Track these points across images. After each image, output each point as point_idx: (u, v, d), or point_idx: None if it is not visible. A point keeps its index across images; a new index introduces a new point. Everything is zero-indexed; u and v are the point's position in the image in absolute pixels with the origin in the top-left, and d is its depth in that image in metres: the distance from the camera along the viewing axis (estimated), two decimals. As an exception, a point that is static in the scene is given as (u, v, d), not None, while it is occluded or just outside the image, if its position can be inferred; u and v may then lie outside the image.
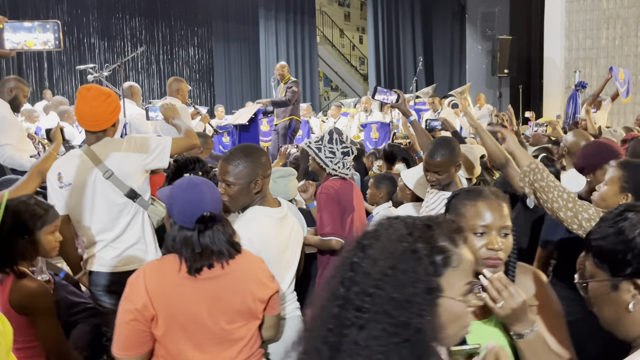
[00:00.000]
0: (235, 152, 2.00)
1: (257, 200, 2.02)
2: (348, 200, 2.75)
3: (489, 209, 1.45)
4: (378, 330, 0.93)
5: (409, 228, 1.01)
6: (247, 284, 1.69)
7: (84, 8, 12.98)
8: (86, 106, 2.41)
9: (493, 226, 1.45)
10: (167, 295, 1.60)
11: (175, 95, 5.30)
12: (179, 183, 1.70)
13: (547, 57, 10.70)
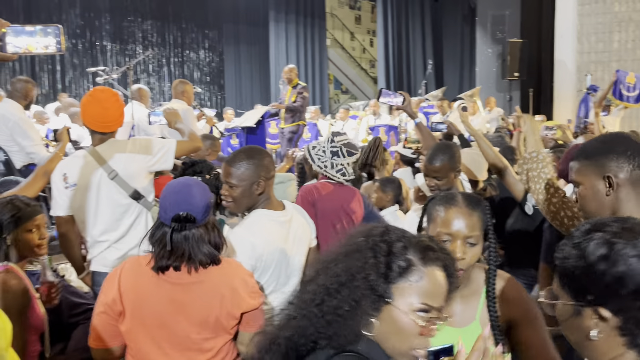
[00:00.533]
0: (237, 154, 2.02)
1: (261, 203, 2.01)
2: (330, 205, 2.68)
3: (457, 217, 1.44)
4: (308, 297, 1.01)
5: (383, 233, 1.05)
6: (218, 296, 1.65)
7: (97, 11, 13.12)
8: (100, 108, 2.44)
9: (458, 235, 1.43)
10: (136, 293, 1.62)
11: (181, 97, 5.34)
12: (174, 181, 1.73)
13: (558, 60, 10.62)
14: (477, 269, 1.53)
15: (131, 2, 13.70)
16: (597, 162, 1.47)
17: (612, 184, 1.44)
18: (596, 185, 1.47)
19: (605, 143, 1.53)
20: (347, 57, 19.42)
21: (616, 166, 1.45)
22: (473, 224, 1.44)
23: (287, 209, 2.09)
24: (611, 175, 1.44)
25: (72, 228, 2.53)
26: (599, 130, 4.88)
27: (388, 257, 1.00)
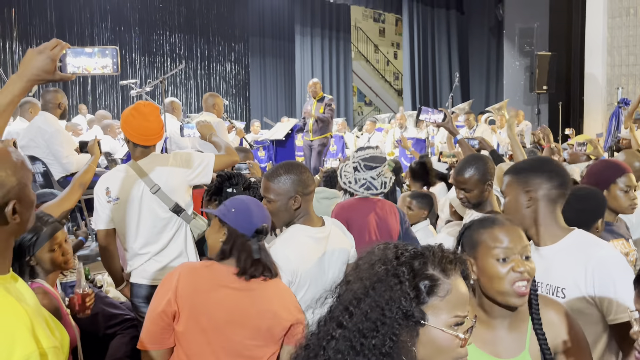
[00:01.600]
0: (276, 169, 2.03)
1: (300, 218, 2.01)
2: (365, 222, 2.67)
3: (507, 234, 1.40)
4: (345, 346, 0.96)
5: (397, 254, 1.02)
6: (271, 306, 1.71)
7: (127, 25, 13.41)
8: (144, 121, 2.48)
9: (515, 249, 1.39)
10: (195, 296, 1.66)
11: (211, 110, 5.40)
12: (244, 198, 1.82)
13: (588, 73, 10.46)
14: None
15: (160, 16, 13.98)
16: (523, 178, 1.73)
17: (531, 198, 1.70)
18: (519, 199, 1.72)
19: (533, 163, 1.82)
20: (371, 69, 19.47)
21: (537, 183, 1.71)
22: (523, 238, 1.42)
23: (325, 225, 2.08)
24: (531, 190, 1.70)
25: (113, 241, 2.57)
26: (636, 143, 4.79)
27: (413, 279, 0.98)
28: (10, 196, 1.12)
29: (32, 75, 1.42)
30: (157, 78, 6.22)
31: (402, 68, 17.30)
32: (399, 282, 0.97)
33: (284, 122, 8.00)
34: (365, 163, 2.71)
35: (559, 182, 1.71)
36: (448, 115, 3.02)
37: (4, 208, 1.12)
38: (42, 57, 1.42)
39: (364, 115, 18.96)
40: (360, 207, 2.70)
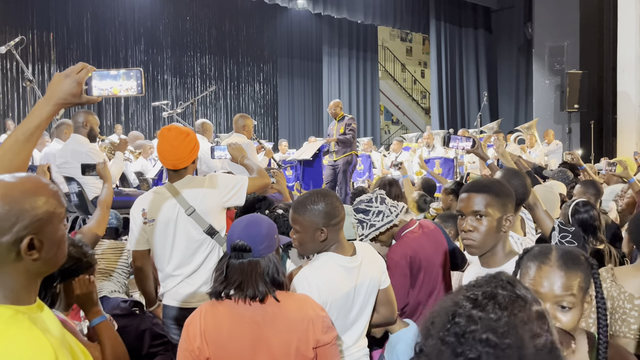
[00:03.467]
0: (303, 199, 1.99)
1: (331, 247, 1.98)
2: (424, 254, 2.51)
3: (547, 276, 1.32)
4: None
5: (511, 312, 0.93)
6: (295, 329, 1.67)
7: (159, 47, 13.79)
8: (167, 145, 2.50)
9: (546, 297, 1.30)
10: (218, 336, 1.64)
11: (242, 131, 5.47)
12: (246, 216, 1.83)
13: (621, 91, 10.28)
14: (579, 334, 1.39)
15: (191, 38, 14.34)
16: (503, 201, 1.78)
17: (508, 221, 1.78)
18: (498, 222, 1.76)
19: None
20: (398, 88, 19.51)
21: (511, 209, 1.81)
22: (567, 285, 1.31)
23: (357, 254, 2.03)
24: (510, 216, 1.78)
25: (148, 262, 2.61)
26: None
27: (548, 327, 0.93)
28: (28, 230, 1.07)
29: (59, 99, 1.45)
30: (188, 99, 6.37)
31: (429, 87, 17.29)
32: (552, 345, 0.92)
33: (311, 142, 8.05)
34: (362, 204, 2.55)
35: None
36: (477, 141, 3.00)
37: (19, 242, 1.06)
38: (69, 80, 1.45)
39: (391, 134, 18.95)
40: (413, 242, 2.51)
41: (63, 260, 1.17)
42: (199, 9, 14.32)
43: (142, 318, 2.95)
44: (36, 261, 1.10)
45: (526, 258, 1.39)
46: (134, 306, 2.97)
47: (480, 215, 1.74)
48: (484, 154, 3.10)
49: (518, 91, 15.38)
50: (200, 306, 1.74)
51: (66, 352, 1.10)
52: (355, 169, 9.11)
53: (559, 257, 1.34)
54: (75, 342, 1.22)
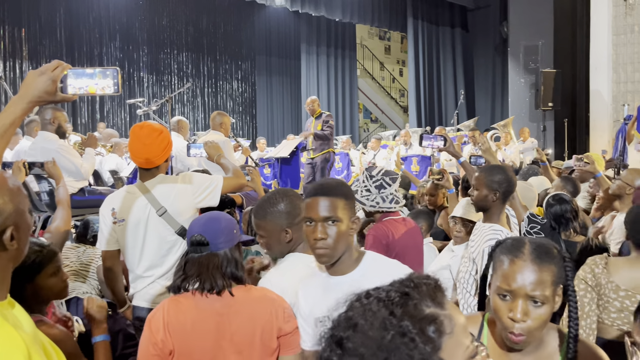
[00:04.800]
0: (262, 203, 1.97)
1: (298, 246, 1.96)
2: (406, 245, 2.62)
3: (520, 272, 1.28)
4: None
5: (388, 307, 0.88)
6: (259, 318, 1.70)
7: (135, 44, 13.59)
8: (139, 143, 2.44)
9: (518, 292, 1.27)
10: (182, 330, 1.65)
11: (219, 128, 5.42)
12: (205, 213, 1.85)
13: (594, 90, 10.47)
14: (550, 329, 1.37)
15: (167, 35, 14.17)
16: (351, 203, 1.72)
17: (355, 223, 1.78)
18: (348, 226, 1.71)
19: None
20: (377, 86, 19.59)
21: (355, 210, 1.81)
22: (540, 281, 1.27)
23: None
24: (356, 218, 1.77)
25: (118, 262, 2.56)
26: None
27: (421, 330, 0.86)
28: (7, 223, 1.10)
29: (34, 96, 1.43)
30: (165, 96, 6.27)
31: (407, 85, 17.39)
32: (411, 340, 0.84)
33: (289, 140, 8.03)
34: (389, 177, 2.69)
35: None
36: (449, 140, 3.06)
37: (2, 235, 1.10)
38: (44, 78, 1.43)
39: (370, 132, 19.02)
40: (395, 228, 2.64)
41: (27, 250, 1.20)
42: (176, 5, 14.15)
43: (115, 319, 2.91)
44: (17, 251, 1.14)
45: (499, 251, 1.36)
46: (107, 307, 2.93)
47: (332, 221, 1.59)
48: (456, 152, 3.14)
49: (494, 89, 15.57)
50: (162, 302, 1.75)
51: (39, 348, 1.10)
52: (334, 167, 9.13)
53: (532, 251, 1.31)
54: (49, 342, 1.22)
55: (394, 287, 0.92)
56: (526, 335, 1.27)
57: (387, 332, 0.84)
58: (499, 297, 1.30)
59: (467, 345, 0.91)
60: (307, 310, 1.70)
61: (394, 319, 0.85)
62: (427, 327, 0.86)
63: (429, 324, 0.86)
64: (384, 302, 0.88)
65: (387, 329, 0.85)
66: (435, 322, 0.87)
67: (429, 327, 0.86)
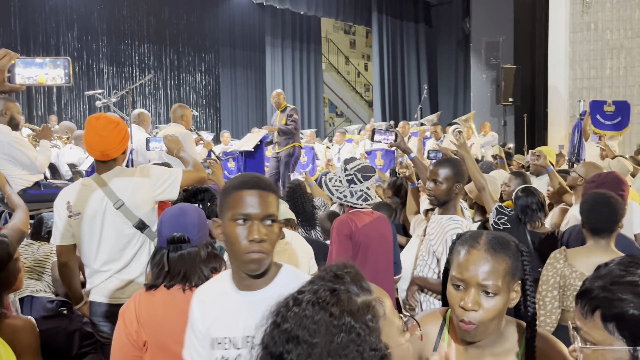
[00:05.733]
0: None
1: None
2: (370, 236, 2.64)
3: (473, 262, 1.28)
4: None
5: (324, 308, 0.87)
6: None
7: (94, 34, 13.21)
8: (96, 135, 2.39)
9: (470, 282, 1.27)
10: (154, 322, 1.66)
11: (180, 121, 5.34)
12: (169, 207, 1.81)
13: (552, 86, 10.77)
14: (509, 324, 1.38)
15: (128, 25, 13.83)
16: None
17: None
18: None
19: None
20: (342, 80, 19.63)
21: None
22: (492, 271, 1.27)
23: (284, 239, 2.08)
24: None
25: (74, 257, 2.50)
26: (610, 153, 5.45)
27: (362, 322, 0.87)
28: None
29: None
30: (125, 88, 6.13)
31: (372, 80, 17.50)
32: (356, 335, 0.86)
33: (254, 133, 7.96)
34: (362, 174, 2.68)
35: None
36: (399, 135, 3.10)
37: None
38: None
39: (335, 126, 19.06)
40: (364, 221, 2.66)
41: None
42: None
43: (71, 318, 2.84)
44: None
45: (457, 243, 1.36)
46: (62, 306, 2.85)
47: (272, 220, 1.37)
48: (406, 147, 3.18)
49: (457, 84, 15.84)
50: (134, 295, 1.75)
51: None
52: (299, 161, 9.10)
53: (487, 242, 1.31)
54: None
55: (320, 285, 0.92)
56: (477, 325, 1.27)
57: (334, 335, 0.85)
58: (454, 287, 1.31)
59: (397, 323, 0.94)
60: (203, 329, 1.42)
61: (334, 320, 0.86)
62: (365, 317, 0.88)
63: (366, 313, 0.88)
64: (318, 304, 0.88)
65: (333, 332, 0.85)
66: (370, 309, 0.89)
67: (367, 317, 0.88)
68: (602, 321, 0.95)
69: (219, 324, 1.40)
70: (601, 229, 2.27)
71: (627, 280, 0.95)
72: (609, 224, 2.27)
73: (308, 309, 0.88)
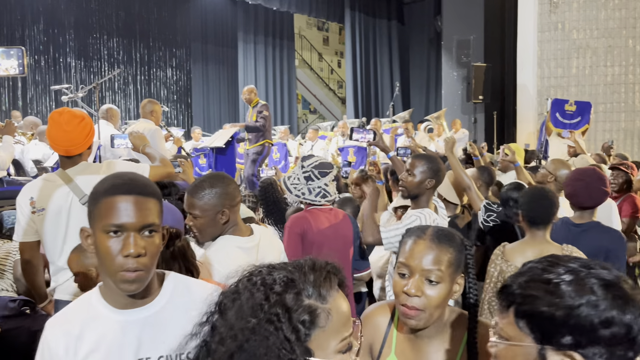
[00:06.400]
0: (200, 183, 1.95)
1: (229, 230, 1.97)
2: (324, 233, 2.65)
3: (418, 250, 1.34)
4: None
5: (266, 291, 0.88)
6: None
7: (61, 27, 12.89)
8: (60, 131, 2.35)
9: (415, 268, 1.32)
10: None
11: (149, 117, 5.26)
12: None
13: (520, 84, 10.97)
14: (454, 314, 1.42)
15: (97, 19, 13.53)
16: None
17: None
18: None
19: None
20: (315, 77, 19.61)
21: None
22: (436, 260, 1.33)
23: (254, 234, 2.05)
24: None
25: (37, 254, 2.44)
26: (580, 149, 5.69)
27: (289, 320, 0.86)
28: None
29: None
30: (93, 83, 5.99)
31: (345, 76, 17.54)
32: (275, 329, 0.85)
33: (225, 129, 7.88)
34: (319, 170, 2.69)
35: None
36: (378, 134, 3.12)
37: None
38: None
39: (308, 122, 19.04)
40: (319, 218, 2.66)
41: None
42: (105, -12, 13.54)
43: (34, 318, 2.76)
44: None
45: (406, 235, 1.41)
46: (24, 305, 2.77)
47: (150, 231, 1.20)
48: (385, 146, 3.20)
49: (428, 82, 16.00)
50: None
51: None
52: (271, 157, 9.04)
53: (433, 233, 1.37)
54: None
55: (285, 271, 0.92)
56: (420, 311, 1.31)
57: (254, 317, 0.86)
58: (399, 276, 1.35)
59: (343, 337, 0.91)
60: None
61: (266, 304, 0.87)
62: (298, 317, 0.86)
63: (302, 313, 0.87)
64: (266, 285, 0.89)
65: (256, 315, 0.86)
66: (310, 314, 0.87)
67: (302, 317, 0.87)
68: (514, 317, 0.95)
69: (99, 356, 1.18)
70: (539, 221, 2.41)
71: (544, 278, 0.94)
72: (546, 216, 2.41)
73: (258, 283, 0.90)
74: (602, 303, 0.89)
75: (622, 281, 0.92)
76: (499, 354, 0.98)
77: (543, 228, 2.42)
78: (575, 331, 0.89)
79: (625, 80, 10.30)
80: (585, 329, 0.89)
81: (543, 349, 0.91)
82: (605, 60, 10.33)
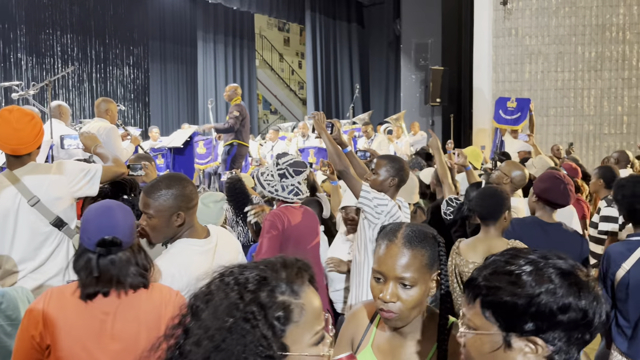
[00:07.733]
0: (156, 183, 1.91)
1: (185, 232, 1.94)
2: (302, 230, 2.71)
3: (391, 255, 1.35)
4: None
5: (240, 290, 0.90)
6: (148, 322, 1.61)
7: (11, 22, 12.42)
8: (9, 129, 2.28)
9: (389, 275, 1.35)
10: (62, 325, 1.55)
11: (104, 115, 5.13)
12: (95, 205, 1.66)
13: (476, 88, 11.25)
14: (432, 313, 1.45)
15: (49, 14, 13.10)
16: None
17: None
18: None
19: None
20: (276, 78, 19.56)
21: None
22: (409, 265, 1.34)
23: (211, 235, 2.02)
24: None
25: (-17, 257, 2.35)
26: (537, 152, 5.91)
27: (265, 318, 0.87)
28: None
29: None
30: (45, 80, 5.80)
31: (306, 77, 17.57)
32: (251, 326, 0.86)
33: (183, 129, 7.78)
34: (294, 169, 2.75)
35: None
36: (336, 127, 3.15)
37: None
38: None
39: (269, 123, 18.97)
40: (295, 215, 2.73)
41: None
42: (58, -18, 13.12)
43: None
44: None
45: (379, 236, 1.43)
46: None
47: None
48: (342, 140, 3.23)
49: (388, 84, 16.19)
50: (46, 290, 1.62)
51: None
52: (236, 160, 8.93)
53: (404, 236, 1.38)
54: None
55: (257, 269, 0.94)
56: (397, 314, 1.34)
57: (230, 316, 0.87)
58: (375, 280, 1.38)
59: (316, 331, 0.94)
60: None
61: (241, 303, 0.88)
62: (273, 314, 0.88)
63: (276, 310, 0.89)
64: (240, 284, 0.91)
65: (232, 314, 0.88)
66: (284, 310, 0.90)
67: (276, 314, 0.89)
68: (481, 308, 1.01)
69: None
70: (489, 217, 2.58)
71: (506, 269, 1.01)
72: (496, 212, 2.57)
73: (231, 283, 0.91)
74: (560, 290, 0.96)
75: (577, 269, 1.00)
76: (468, 343, 1.04)
77: (493, 224, 2.56)
78: (536, 318, 0.96)
79: (574, 85, 10.71)
80: (545, 315, 0.96)
81: (508, 336, 0.98)
82: (556, 65, 10.72)
